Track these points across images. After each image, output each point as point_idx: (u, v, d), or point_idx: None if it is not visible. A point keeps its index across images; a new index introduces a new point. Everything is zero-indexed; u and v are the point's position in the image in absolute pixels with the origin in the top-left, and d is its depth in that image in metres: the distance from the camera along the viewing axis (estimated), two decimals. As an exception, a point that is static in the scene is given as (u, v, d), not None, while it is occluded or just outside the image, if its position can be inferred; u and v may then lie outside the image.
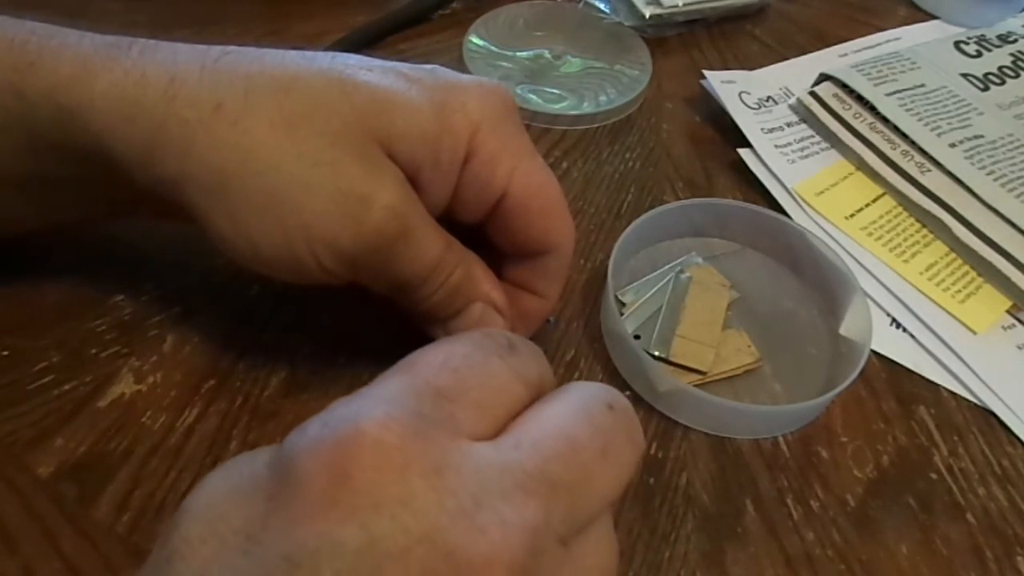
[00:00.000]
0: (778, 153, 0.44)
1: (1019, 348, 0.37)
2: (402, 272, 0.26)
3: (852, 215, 0.41)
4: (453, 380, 0.19)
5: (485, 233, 0.29)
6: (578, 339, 0.35)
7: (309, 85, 0.25)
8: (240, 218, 0.24)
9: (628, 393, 0.33)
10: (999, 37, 0.51)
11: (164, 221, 0.29)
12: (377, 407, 0.17)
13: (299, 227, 0.24)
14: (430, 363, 0.20)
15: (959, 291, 0.38)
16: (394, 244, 0.25)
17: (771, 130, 0.45)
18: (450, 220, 0.28)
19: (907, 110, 0.44)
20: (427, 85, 0.26)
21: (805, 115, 0.46)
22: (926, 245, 0.40)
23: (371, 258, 0.25)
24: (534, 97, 0.45)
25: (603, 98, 0.46)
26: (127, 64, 0.25)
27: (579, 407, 0.20)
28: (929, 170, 0.42)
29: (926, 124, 0.43)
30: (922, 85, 0.46)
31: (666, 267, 0.37)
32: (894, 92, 0.45)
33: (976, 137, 0.43)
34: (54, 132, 0.25)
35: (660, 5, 0.50)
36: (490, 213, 0.28)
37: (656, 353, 0.34)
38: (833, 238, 0.40)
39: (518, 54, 0.48)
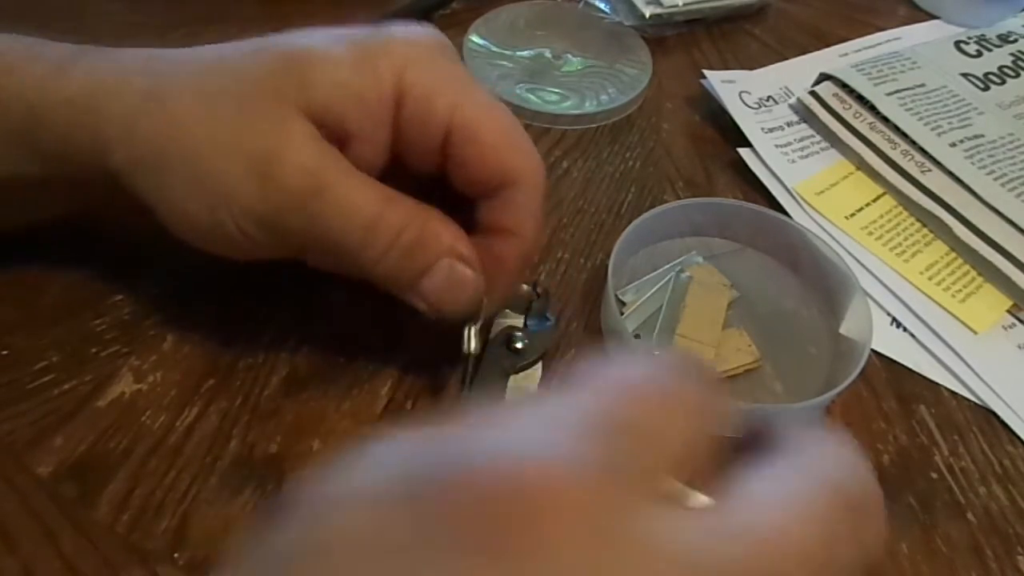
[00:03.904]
0: (778, 153, 0.44)
1: (1019, 348, 0.37)
2: (331, 233, 0.25)
3: (852, 214, 0.41)
4: (647, 417, 0.15)
5: (450, 185, 0.27)
6: (578, 339, 0.35)
7: (232, 60, 0.25)
8: (173, 195, 0.25)
9: (628, 392, 0.33)
10: (999, 37, 0.51)
11: (141, 216, 0.30)
12: (565, 446, 0.13)
13: (217, 195, 0.24)
14: (614, 386, 0.15)
15: (959, 290, 0.38)
16: (310, 202, 0.24)
17: (771, 130, 0.45)
18: (413, 178, 0.27)
19: (907, 110, 0.44)
20: (353, 39, 0.26)
21: (805, 115, 0.46)
22: (926, 244, 0.40)
23: (291, 220, 0.24)
24: (534, 97, 0.45)
25: (603, 97, 0.46)
26: (86, 67, 0.26)
27: (810, 494, 0.14)
28: (929, 170, 0.42)
29: (926, 124, 0.43)
30: (922, 85, 0.46)
31: (666, 266, 0.37)
32: (894, 92, 0.45)
33: (976, 137, 0.43)
34: (27, 133, 0.26)
35: (660, 5, 0.50)
36: (441, 157, 0.26)
37: (656, 352, 0.34)
38: (833, 237, 0.40)
39: (518, 53, 0.48)
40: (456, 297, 0.26)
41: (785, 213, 0.41)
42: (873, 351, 0.36)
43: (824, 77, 0.46)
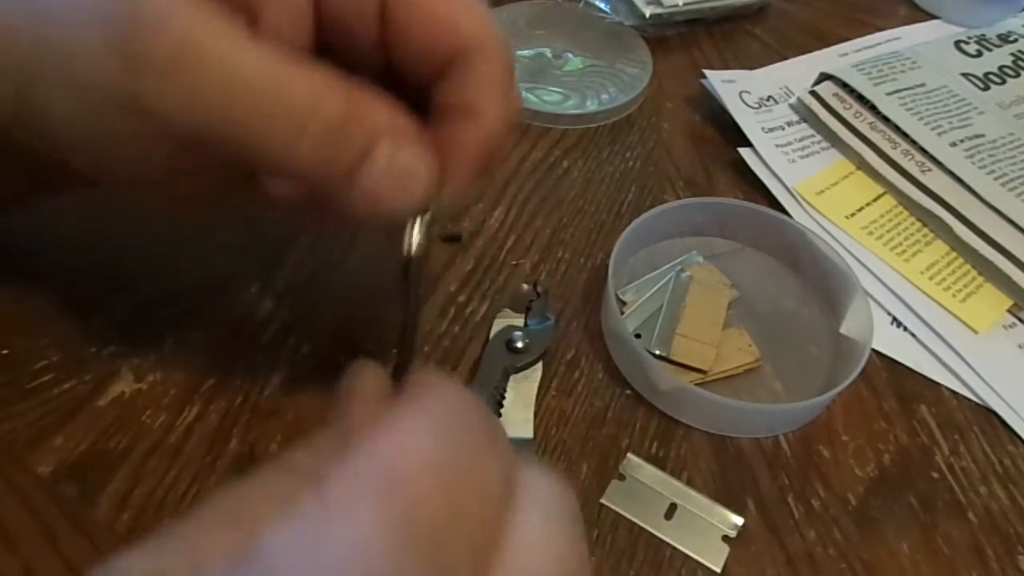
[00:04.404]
0: (779, 152, 0.44)
1: (1020, 347, 0.37)
2: (225, 116, 0.19)
3: (853, 214, 0.41)
4: (448, 508, 0.14)
5: (401, 77, 0.23)
6: (579, 338, 0.35)
7: None
8: (56, 111, 0.20)
9: (629, 392, 0.33)
10: (999, 37, 0.51)
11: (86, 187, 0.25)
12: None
13: (87, 90, 0.20)
14: (412, 471, 0.14)
15: (960, 290, 0.38)
16: (188, 69, 0.19)
17: (771, 129, 0.45)
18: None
19: (908, 109, 0.44)
20: None
21: (805, 114, 0.46)
22: (927, 244, 0.40)
23: (171, 102, 0.19)
24: (534, 96, 0.45)
25: (604, 97, 0.46)
26: None
27: (559, 532, 0.16)
28: (930, 169, 0.41)
29: (927, 123, 0.43)
30: (922, 84, 0.46)
31: (667, 266, 0.37)
32: (894, 91, 0.45)
33: (977, 136, 0.43)
34: None
35: (660, 4, 0.50)
36: (379, 32, 0.22)
37: (657, 352, 0.34)
38: (834, 237, 0.40)
39: (518, 53, 0.48)
40: (403, 192, 0.21)
41: (785, 213, 0.41)
42: (874, 351, 0.36)
43: (824, 77, 0.46)
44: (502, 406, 0.31)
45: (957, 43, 0.50)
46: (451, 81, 0.22)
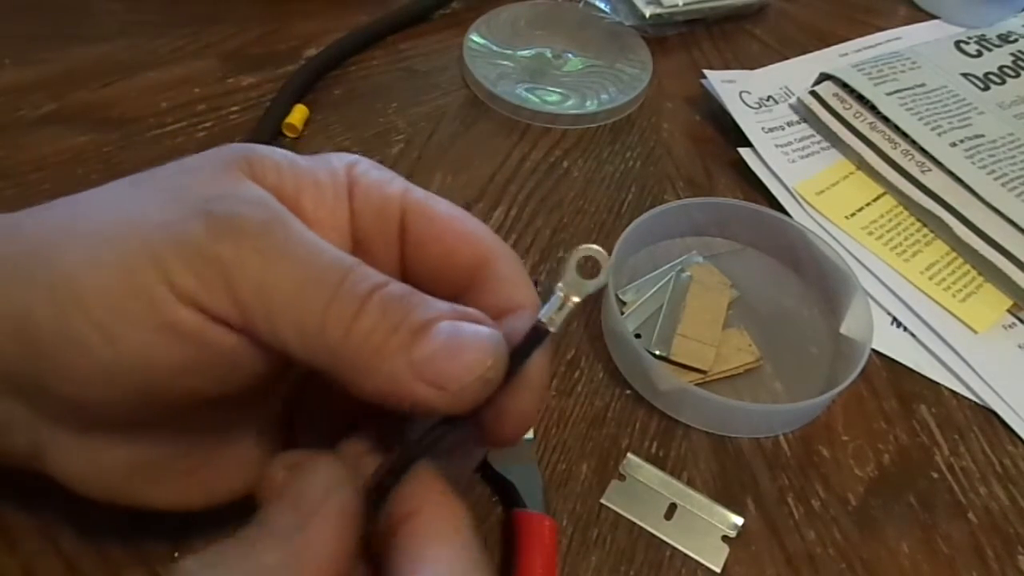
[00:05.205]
0: (779, 152, 0.44)
1: (1020, 347, 0.37)
2: (291, 281, 0.19)
3: (853, 214, 0.41)
4: None
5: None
6: (579, 338, 0.35)
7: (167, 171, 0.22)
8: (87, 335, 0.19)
9: (629, 392, 0.33)
10: (999, 37, 0.51)
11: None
12: None
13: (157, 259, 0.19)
14: None
15: (960, 290, 0.38)
16: (269, 232, 0.20)
17: (771, 129, 0.45)
18: None
19: (908, 109, 0.44)
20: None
21: (806, 114, 0.46)
22: (927, 244, 0.40)
23: (248, 262, 0.19)
24: (534, 97, 0.45)
25: (604, 97, 0.46)
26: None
27: None
28: (930, 169, 0.42)
29: (927, 123, 0.43)
30: (922, 84, 0.46)
31: (667, 266, 0.37)
32: (895, 91, 0.45)
33: (977, 136, 0.43)
34: None
35: (660, 5, 0.50)
36: (401, 244, 0.23)
37: (657, 352, 0.34)
38: (834, 237, 0.40)
39: (519, 53, 0.48)
40: (467, 365, 0.19)
41: (785, 213, 0.41)
42: (874, 351, 0.36)
43: (824, 77, 0.46)
44: (502, 406, 0.31)
45: (957, 43, 0.50)
46: (479, 291, 0.23)
